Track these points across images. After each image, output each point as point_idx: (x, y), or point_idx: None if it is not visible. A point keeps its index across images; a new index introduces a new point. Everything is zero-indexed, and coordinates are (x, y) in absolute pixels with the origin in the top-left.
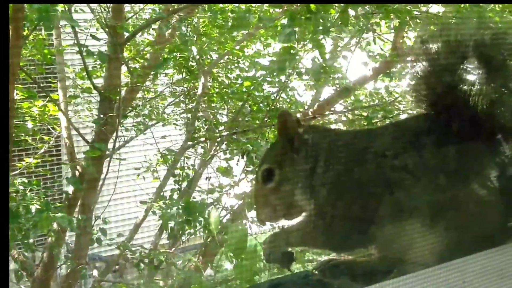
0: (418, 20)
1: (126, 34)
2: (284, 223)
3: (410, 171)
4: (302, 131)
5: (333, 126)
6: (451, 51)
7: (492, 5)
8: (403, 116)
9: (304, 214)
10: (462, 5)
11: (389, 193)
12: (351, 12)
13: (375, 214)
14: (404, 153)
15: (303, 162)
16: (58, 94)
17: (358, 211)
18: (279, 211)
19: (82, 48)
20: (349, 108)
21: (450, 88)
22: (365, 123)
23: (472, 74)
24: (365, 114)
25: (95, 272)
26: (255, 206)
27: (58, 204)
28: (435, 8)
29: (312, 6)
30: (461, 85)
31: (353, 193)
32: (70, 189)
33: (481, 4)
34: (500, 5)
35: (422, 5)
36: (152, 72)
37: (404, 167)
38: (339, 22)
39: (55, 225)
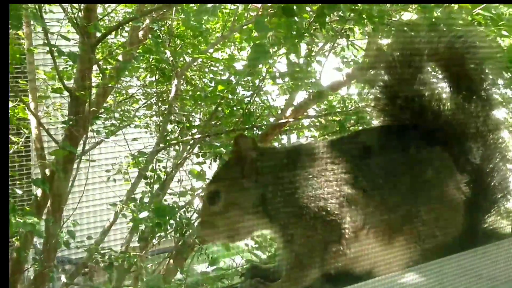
0: (390, 28)
1: (99, 35)
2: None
3: (362, 186)
4: (255, 156)
5: (297, 139)
6: (408, 60)
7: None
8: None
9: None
10: (435, 13)
11: (346, 208)
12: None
13: (338, 229)
14: (356, 166)
15: (253, 187)
16: (28, 95)
17: (322, 228)
18: (223, 232)
19: (52, 48)
20: (323, 113)
21: (410, 97)
22: (338, 128)
23: (432, 83)
24: (337, 119)
25: (63, 276)
26: (198, 224)
27: (26, 208)
28: (408, 16)
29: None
30: (421, 94)
31: (310, 214)
32: (38, 191)
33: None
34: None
35: (394, 13)
36: (122, 70)
37: (357, 182)
38: (315, 25)
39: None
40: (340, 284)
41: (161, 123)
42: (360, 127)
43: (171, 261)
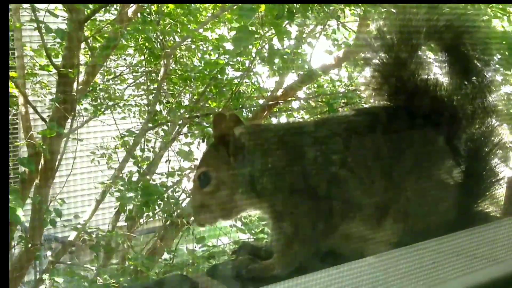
0: (381, 9)
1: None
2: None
3: (351, 167)
4: (239, 134)
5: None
6: (405, 38)
7: None
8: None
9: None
10: None
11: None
12: None
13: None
14: (346, 147)
15: (241, 167)
16: (15, 72)
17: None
18: (217, 213)
19: (40, 25)
20: (312, 96)
21: (406, 77)
22: (327, 109)
23: (429, 63)
24: (326, 100)
25: (49, 254)
26: (193, 209)
27: (12, 186)
28: None
29: None
30: (417, 75)
31: (299, 192)
32: (25, 169)
33: None
34: None
35: None
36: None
37: (345, 162)
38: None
39: None
40: (335, 262)
41: (150, 103)
42: (349, 108)
43: (159, 240)
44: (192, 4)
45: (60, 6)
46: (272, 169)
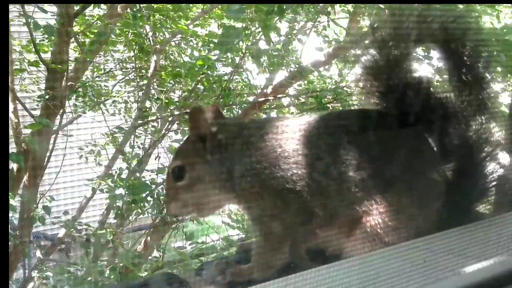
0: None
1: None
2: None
3: (333, 176)
4: (215, 130)
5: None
6: (396, 37)
7: None
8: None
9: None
10: None
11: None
12: None
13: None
14: (329, 153)
15: (218, 164)
16: None
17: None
18: (190, 207)
19: (29, 20)
20: (303, 92)
21: (397, 75)
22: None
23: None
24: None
25: (38, 252)
26: (166, 200)
27: None
28: None
29: None
30: (409, 72)
31: (277, 193)
32: (14, 166)
33: None
34: None
35: None
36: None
37: (328, 171)
38: None
39: None
40: (324, 262)
41: (139, 99)
42: (338, 105)
43: (148, 238)
44: None
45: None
46: (250, 169)
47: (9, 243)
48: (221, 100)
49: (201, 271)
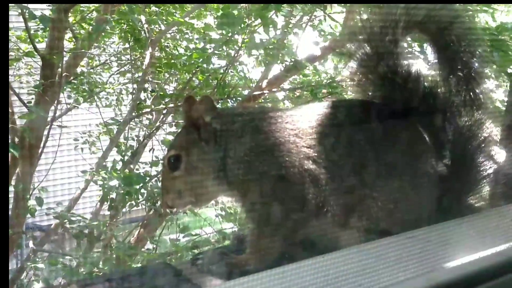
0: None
1: None
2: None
3: (324, 165)
4: (210, 119)
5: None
6: (388, 31)
7: None
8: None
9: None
10: None
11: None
12: None
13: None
14: (320, 143)
15: (212, 152)
16: None
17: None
18: (186, 198)
19: (24, 10)
20: (298, 86)
21: (391, 70)
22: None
23: (414, 55)
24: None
25: (31, 243)
26: (162, 192)
27: None
28: None
29: None
30: (403, 66)
31: (271, 182)
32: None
33: None
34: None
35: None
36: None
37: (319, 159)
38: None
39: None
40: (317, 252)
41: (134, 91)
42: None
43: (142, 230)
44: None
45: None
46: (244, 157)
47: None
48: (215, 92)
49: (196, 261)
